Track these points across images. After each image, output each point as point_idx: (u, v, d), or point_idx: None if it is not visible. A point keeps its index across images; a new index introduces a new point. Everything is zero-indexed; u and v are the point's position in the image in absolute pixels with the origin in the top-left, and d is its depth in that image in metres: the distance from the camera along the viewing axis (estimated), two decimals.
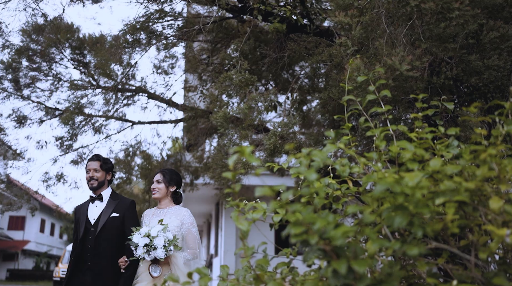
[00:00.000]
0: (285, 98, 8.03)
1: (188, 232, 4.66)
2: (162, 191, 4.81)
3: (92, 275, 4.64)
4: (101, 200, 4.90)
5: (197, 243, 4.71)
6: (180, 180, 4.99)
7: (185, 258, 4.52)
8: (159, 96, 9.99)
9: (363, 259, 1.86)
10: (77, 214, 4.98)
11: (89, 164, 4.92)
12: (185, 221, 4.68)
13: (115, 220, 4.77)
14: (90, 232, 4.77)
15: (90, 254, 4.69)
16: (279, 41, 6.79)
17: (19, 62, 9.40)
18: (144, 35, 7.30)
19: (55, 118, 10.11)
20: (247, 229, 2.43)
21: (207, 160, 9.95)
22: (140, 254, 4.26)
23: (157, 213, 4.79)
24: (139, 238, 4.26)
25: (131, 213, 4.87)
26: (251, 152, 1.91)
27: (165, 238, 4.29)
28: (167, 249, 4.28)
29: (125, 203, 4.91)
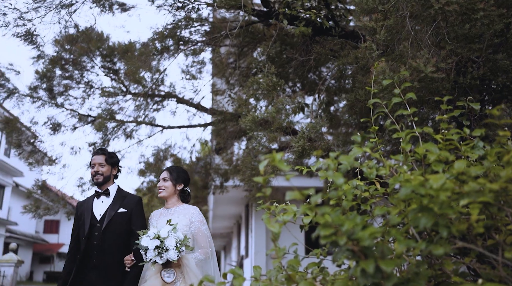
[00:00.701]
0: (312, 99, 8.09)
1: (198, 230, 4.43)
2: (169, 189, 4.59)
3: (97, 272, 4.43)
4: (107, 195, 4.69)
5: (209, 242, 4.47)
6: (187, 177, 4.77)
7: (196, 258, 4.31)
8: (188, 101, 10.16)
9: (391, 259, 1.94)
10: (79, 210, 4.76)
11: (94, 158, 4.72)
12: (194, 219, 4.46)
13: (122, 216, 4.57)
14: (95, 228, 4.54)
15: (96, 251, 4.48)
16: (305, 44, 6.86)
17: (52, 72, 9.69)
18: (172, 41, 7.46)
19: (88, 124, 10.37)
20: (278, 231, 2.52)
21: (236, 162, 10.07)
22: (151, 257, 4.03)
23: (164, 213, 4.58)
24: (148, 240, 4.03)
25: (139, 210, 4.68)
26: (280, 158, 2.01)
27: (176, 238, 4.06)
28: (179, 249, 4.05)
29: (132, 200, 4.71)
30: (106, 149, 4.90)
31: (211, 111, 10.00)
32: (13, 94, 9.63)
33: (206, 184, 11.54)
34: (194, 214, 4.50)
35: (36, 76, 9.54)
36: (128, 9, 9.16)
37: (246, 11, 6.14)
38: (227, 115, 8.64)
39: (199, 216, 4.50)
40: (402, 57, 4.22)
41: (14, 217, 37.13)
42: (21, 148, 9.79)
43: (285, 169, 2.01)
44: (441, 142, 2.78)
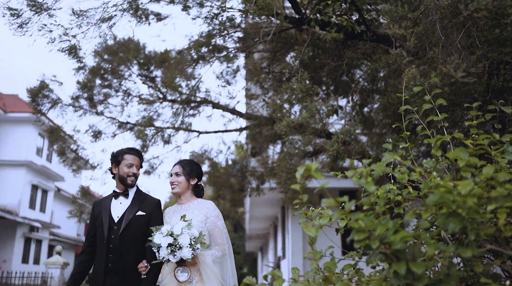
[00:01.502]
0: (346, 102, 8.17)
1: (214, 226, 4.19)
2: (182, 184, 4.35)
3: (114, 277, 4.26)
4: (126, 197, 4.47)
5: (225, 237, 4.23)
6: (200, 171, 4.52)
7: (213, 256, 4.07)
8: (223, 106, 10.37)
9: (421, 261, 2.06)
10: (96, 210, 4.56)
11: (132, 159, 4.49)
12: (209, 214, 4.22)
13: (140, 219, 4.36)
14: (113, 230, 4.35)
15: (112, 254, 4.29)
16: (337, 49, 6.95)
17: (93, 81, 10.06)
18: (206, 50, 7.67)
19: (127, 131, 10.70)
20: (315, 235, 2.66)
21: (272, 165, 10.20)
22: (164, 255, 3.81)
23: (178, 210, 4.33)
24: (161, 238, 3.80)
25: (158, 213, 4.47)
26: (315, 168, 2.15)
27: (191, 235, 3.83)
28: (194, 247, 3.81)
29: (151, 202, 4.50)
30: (140, 151, 4.72)
31: (246, 116, 10.19)
32: (57, 104, 10.05)
33: (242, 187, 11.72)
34: (210, 209, 4.26)
35: (78, 86, 9.94)
36: (163, 19, 9.45)
37: (279, 19, 6.28)
38: (262, 119, 8.79)
39: (215, 211, 4.27)
40: (433, 63, 4.28)
41: (56, 220, 38.26)
42: (65, 156, 10.20)
43: (321, 178, 2.15)
44: (471, 147, 2.86)
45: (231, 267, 4.27)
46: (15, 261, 30.01)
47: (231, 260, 4.29)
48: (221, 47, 8.32)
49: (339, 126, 9.59)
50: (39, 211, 33.81)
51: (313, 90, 6.06)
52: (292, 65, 7.38)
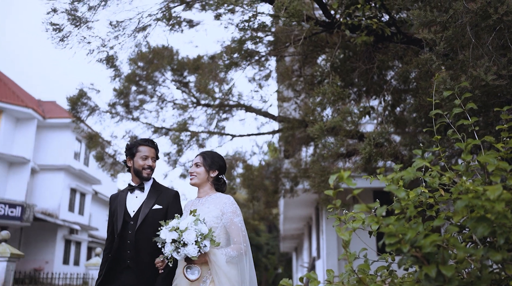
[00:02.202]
0: (378, 102, 8.17)
1: (231, 223, 3.87)
2: (201, 176, 4.05)
3: (131, 275, 4.06)
4: (142, 190, 4.25)
5: (243, 236, 3.88)
6: (223, 164, 4.20)
7: (227, 255, 3.72)
8: (256, 109, 10.51)
9: (451, 264, 2.14)
10: (113, 204, 4.37)
11: (147, 150, 4.27)
12: (225, 210, 3.90)
13: (157, 212, 4.13)
14: (129, 226, 4.14)
15: (130, 251, 4.08)
16: (367, 52, 6.99)
17: (128, 88, 10.35)
18: (238, 55, 7.80)
19: (163, 135, 10.95)
20: (348, 239, 2.76)
21: (305, 166, 10.28)
22: (168, 252, 3.54)
23: (196, 204, 4.06)
24: (166, 232, 3.55)
25: (175, 205, 4.23)
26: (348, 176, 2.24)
27: (197, 231, 3.52)
28: (200, 244, 3.51)
29: (168, 194, 4.26)
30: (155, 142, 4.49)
31: (279, 119, 10.31)
32: (94, 111, 10.38)
33: (276, 189, 11.83)
34: (226, 204, 3.93)
35: (114, 93, 10.26)
36: (195, 25, 9.66)
37: (309, 24, 6.37)
38: (294, 122, 8.89)
39: (232, 206, 3.93)
40: (463, 66, 4.29)
41: (94, 222, 39.17)
42: (103, 161, 10.52)
43: (352, 185, 2.24)
44: (502, 150, 2.89)
45: (250, 268, 3.93)
46: (57, 263, 30.88)
47: (249, 261, 3.95)
48: (252, 51, 8.44)
49: (372, 126, 9.61)
50: (77, 213, 34.70)
51: (345, 93, 6.12)
52: (323, 68, 7.45)
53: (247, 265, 3.90)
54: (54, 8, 6.42)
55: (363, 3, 6.15)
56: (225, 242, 3.89)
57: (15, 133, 29.35)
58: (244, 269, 3.86)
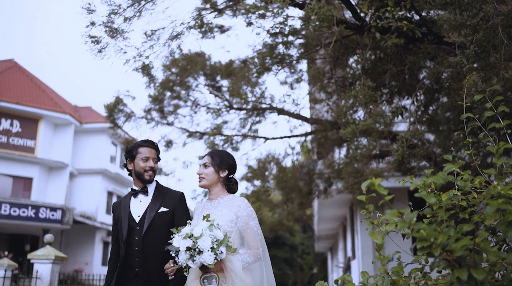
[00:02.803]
0: (411, 102, 8.15)
1: (246, 227, 3.64)
2: (210, 177, 3.80)
3: (141, 282, 3.89)
4: (146, 194, 4.04)
5: (259, 240, 3.65)
6: (233, 163, 3.96)
7: (243, 261, 3.52)
8: (288, 112, 10.61)
9: (483, 267, 2.20)
10: (116, 211, 4.17)
11: (148, 151, 4.05)
12: (240, 213, 3.67)
13: (164, 215, 3.95)
14: (135, 231, 3.95)
15: (138, 258, 3.90)
16: (398, 53, 7.00)
17: (162, 94, 10.61)
18: (270, 60, 7.91)
19: (197, 139, 11.17)
20: (381, 242, 2.83)
21: (339, 167, 10.31)
22: (182, 261, 3.32)
23: (207, 207, 3.81)
24: (179, 240, 3.34)
25: (182, 207, 4.04)
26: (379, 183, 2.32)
27: (213, 237, 3.31)
28: (216, 251, 3.30)
29: (174, 196, 4.06)
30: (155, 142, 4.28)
31: (311, 121, 10.38)
32: (130, 117, 10.69)
33: (310, 190, 11.90)
34: (241, 207, 3.70)
35: (150, 100, 10.54)
36: (226, 30, 9.85)
37: (339, 28, 6.43)
38: (326, 124, 8.94)
39: (247, 210, 3.71)
40: (494, 68, 4.29)
41: None
42: None
43: (384, 192, 2.32)
44: None
45: (267, 274, 3.74)
46: (96, 264, 31.63)
47: (267, 266, 3.75)
48: (284, 55, 8.53)
49: (404, 125, 9.56)
50: None
51: (376, 95, 6.16)
52: (354, 70, 7.49)
53: (265, 271, 3.73)
54: (92, 21, 6.68)
55: (393, 5, 6.18)
56: (240, 247, 3.70)
57: (54, 139, 30.22)
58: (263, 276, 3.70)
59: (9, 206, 24.66)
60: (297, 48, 9.11)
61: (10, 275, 10.37)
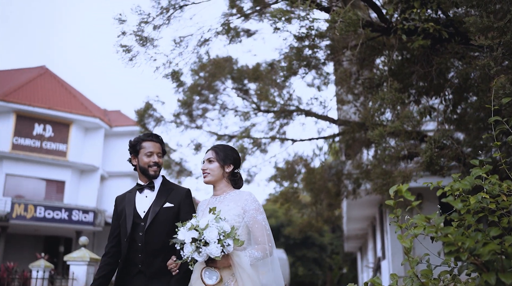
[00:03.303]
0: (439, 102, 8.11)
1: (254, 221, 3.52)
2: (215, 172, 3.72)
3: (144, 280, 3.78)
4: (152, 189, 3.95)
5: (267, 235, 3.54)
6: (238, 157, 3.88)
7: (252, 256, 3.40)
8: (315, 113, 10.66)
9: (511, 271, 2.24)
10: (119, 206, 4.06)
11: (152, 146, 3.95)
12: (247, 207, 3.55)
13: (168, 211, 3.84)
14: (139, 227, 3.83)
15: (141, 254, 3.79)
16: (425, 54, 6.98)
17: (191, 98, 10.80)
18: (297, 64, 7.98)
19: (225, 142, 11.31)
20: (409, 246, 2.88)
21: (367, 168, 10.31)
22: (188, 254, 3.19)
23: (213, 202, 3.72)
24: (185, 232, 3.21)
25: (188, 203, 3.93)
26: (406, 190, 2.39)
27: (219, 228, 3.18)
28: (223, 243, 3.16)
29: (180, 192, 3.96)
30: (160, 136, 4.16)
31: (339, 122, 10.42)
32: (160, 121, 10.92)
33: (339, 191, 11.92)
34: (248, 201, 3.59)
35: (179, 104, 10.75)
36: (252, 34, 9.95)
37: (365, 31, 6.47)
38: (354, 125, 8.97)
39: (254, 204, 3.59)
40: None
41: None
42: (170, 169, 11.02)
43: (411, 198, 2.38)
44: None
45: (275, 270, 3.62)
46: None
47: (274, 263, 3.64)
48: (310, 57, 8.59)
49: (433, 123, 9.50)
50: None
51: (404, 97, 6.17)
52: (381, 71, 7.51)
53: (272, 267, 3.60)
54: (123, 31, 6.88)
55: (419, 6, 6.18)
56: (247, 243, 3.54)
57: (85, 142, 30.83)
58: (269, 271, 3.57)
59: (44, 208, 25.27)
60: (323, 50, 9.15)
61: (47, 276, 10.72)
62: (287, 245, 43.19)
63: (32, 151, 28.16)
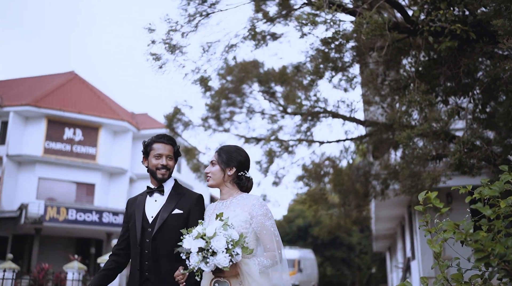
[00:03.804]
0: (468, 101, 8.04)
1: (262, 227, 3.31)
2: (215, 175, 3.52)
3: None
4: (161, 193, 3.76)
5: (276, 241, 3.33)
6: (243, 159, 3.59)
7: (261, 264, 3.21)
8: (342, 115, 10.69)
9: None
10: (130, 208, 3.89)
11: (162, 148, 3.77)
12: (255, 212, 3.34)
13: (177, 218, 3.63)
14: (146, 233, 3.66)
15: (148, 262, 3.60)
16: (453, 55, 6.94)
17: (218, 101, 10.95)
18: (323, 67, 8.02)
19: (253, 144, 11.43)
20: (439, 251, 2.93)
21: (395, 168, 10.28)
22: (194, 264, 3.00)
23: (219, 207, 3.51)
24: (191, 241, 3.04)
25: (198, 210, 3.69)
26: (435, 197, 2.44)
27: (227, 237, 3.01)
28: (232, 252, 3.00)
29: (191, 198, 3.74)
30: (173, 138, 3.94)
31: (367, 124, 10.42)
32: (188, 125, 11.10)
33: (367, 192, 11.91)
34: (255, 206, 3.37)
35: (206, 108, 10.92)
36: (278, 37, 10.03)
37: (391, 34, 6.47)
38: (381, 127, 8.96)
39: (262, 209, 3.37)
40: None
41: None
42: (199, 172, 11.19)
43: (439, 206, 2.43)
44: None
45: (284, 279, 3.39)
46: None
47: (283, 270, 3.40)
48: (336, 59, 8.62)
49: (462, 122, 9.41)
50: None
51: (431, 99, 6.16)
52: (408, 72, 7.49)
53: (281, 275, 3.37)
54: (153, 40, 7.05)
55: (445, 7, 6.16)
56: (255, 250, 3.36)
57: (113, 145, 31.37)
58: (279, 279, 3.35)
59: (75, 211, 25.85)
60: (350, 50, 9.17)
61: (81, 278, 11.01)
62: (315, 245, 43.14)
63: (63, 155, 28.82)
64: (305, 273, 30.59)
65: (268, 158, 10.59)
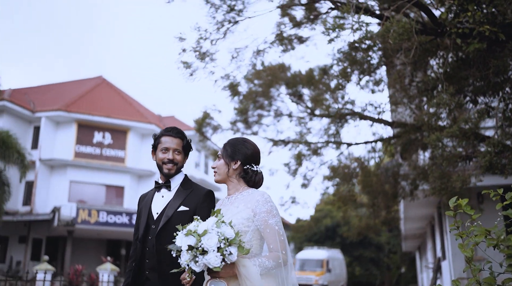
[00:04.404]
0: (498, 101, 7.97)
1: (265, 225, 3.03)
2: (221, 170, 3.27)
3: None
4: (169, 189, 3.57)
5: (281, 241, 3.03)
6: (249, 152, 3.29)
7: (261, 266, 2.93)
8: (370, 116, 10.71)
9: None
10: (140, 204, 3.71)
11: (169, 141, 3.58)
12: (258, 209, 3.05)
13: (183, 215, 3.39)
14: (150, 230, 3.48)
15: (149, 260, 3.43)
16: (481, 57, 6.89)
17: (247, 104, 11.10)
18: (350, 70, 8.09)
19: (281, 146, 11.55)
20: (470, 255, 2.98)
21: (423, 169, 10.24)
22: (184, 262, 2.81)
23: (225, 203, 3.27)
24: (182, 238, 2.84)
25: (205, 207, 3.44)
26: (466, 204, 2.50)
27: (220, 234, 2.78)
28: (224, 252, 2.76)
29: (199, 194, 3.52)
30: (183, 131, 3.76)
31: (395, 125, 10.41)
32: (217, 129, 11.29)
33: (395, 192, 11.89)
34: (259, 202, 3.08)
35: (235, 112, 11.09)
36: (304, 41, 10.11)
37: (419, 37, 6.48)
38: (409, 128, 8.95)
39: (266, 205, 3.08)
40: None
41: None
42: None
43: (470, 212, 2.49)
44: None
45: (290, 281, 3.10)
46: None
47: (290, 273, 3.11)
48: (363, 61, 8.65)
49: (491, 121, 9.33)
50: None
51: (460, 101, 6.15)
52: (436, 73, 7.47)
53: (287, 278, 3.08)
54: (183, 48, 7.23)
55: (473, 9, 6.14)
56: (259, 250, 3.11)
57: (141, 148, 31.81)
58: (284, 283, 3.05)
59: (106, 213, 26.37)
60: (376, 53, 9.19)
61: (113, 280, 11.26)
62: (344, 245, 42.94)
63: (93, 158, 29.42)
64: (333, 273, 30.57)
65: (297, 160, 10.69)
